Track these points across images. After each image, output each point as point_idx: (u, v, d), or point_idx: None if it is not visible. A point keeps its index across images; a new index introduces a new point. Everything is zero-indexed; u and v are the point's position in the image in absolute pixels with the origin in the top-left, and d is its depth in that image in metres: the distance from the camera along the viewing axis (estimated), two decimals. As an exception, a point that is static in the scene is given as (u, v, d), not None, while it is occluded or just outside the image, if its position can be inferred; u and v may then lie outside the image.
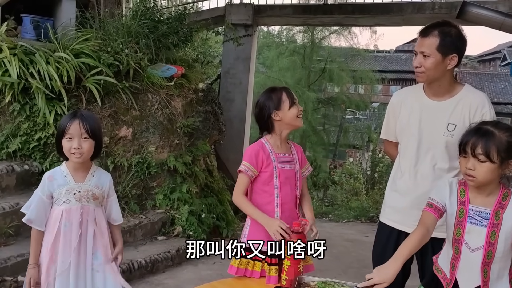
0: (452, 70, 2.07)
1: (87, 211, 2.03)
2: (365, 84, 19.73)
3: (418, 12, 5.93)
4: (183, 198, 4.17)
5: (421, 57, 2.03)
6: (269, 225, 1.96)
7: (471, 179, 1.62)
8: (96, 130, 2.01)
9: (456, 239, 1.69)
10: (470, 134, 1.63)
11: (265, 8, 6.68)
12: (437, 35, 2.00)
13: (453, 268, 1.72)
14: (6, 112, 3.76)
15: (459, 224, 1.68)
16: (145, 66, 4.34)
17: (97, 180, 2.07)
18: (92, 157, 2.06)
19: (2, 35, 3.87)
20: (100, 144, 2.07)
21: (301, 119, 2.11)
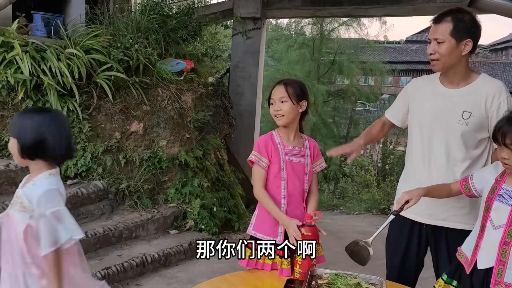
0: (467, 57, 2.04)
1: (8, 218, 1.71)
2: (375, 76, 19.55)
3: (429, 1, 5.84)
4: (194, 192, 4.20)
5: (435, 44, 2.01)
6: (287, 224, 1.98)
7: (507, 166, 1.68)
8: (15, 128, 1.67)
9: (484, 216, 1.74)
10: (501, 122, 1.66)
11: (273, 1, 6.63)
12: (451, 20, 1.98)
13: (476, 247, 1.75)
14: (19, 109, 3.79)
15: (488, 201, 1.73)
16: (155, 61, 4.35)
17: (30, 191, 1.67)
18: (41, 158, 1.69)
19: (13, 33, 3.90)
20: (27, 143, 1.64)
21: (278, 119, 2.08)
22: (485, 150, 2.07)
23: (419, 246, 2.16)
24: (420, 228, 2.15)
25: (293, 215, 2.01)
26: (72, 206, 3.56)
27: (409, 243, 2.17)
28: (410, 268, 2.19)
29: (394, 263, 2.23)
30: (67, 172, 3.81)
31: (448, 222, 2.08)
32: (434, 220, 2.10)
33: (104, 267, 3.10)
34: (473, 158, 2.04)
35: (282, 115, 2.07)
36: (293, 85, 2.10)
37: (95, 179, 3.86)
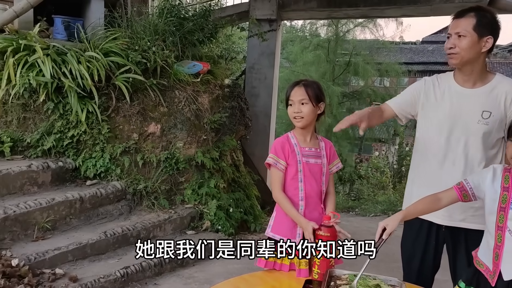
0: (485, 55, 2.02)
1: None
2: (390, 77, 19.37)
3: (447, 2, 5.79)
4: (211, 193, 4.23)
5: (456, 38, 2.00)
6: (304, 227, 1.98)
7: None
8: None
9: (499, 226, 1.67)
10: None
11: (289, 2, 6.64)
12: (474, 16, 1.98)
13: (496, 258, 1.69)
14: (40, 111, 3.88)
15: (502, 211, 1.66)
16: (172, 63, 4.40)
17: None
18: None
19: (35, 36, 3.99)
20: None
21: (297, 120, 2.07)
22: (500, 150, 2.05)
23: (436, 247, 2.14)
24: (438, 230, 2.13)
25: (311, 217, 2.02)
26: (91, 206, 3.64)
27: (427, 245, 2.15)
28: (427, 270, 2.18)
29: (412, 265, 2.21)
30: (86, 172, 3.88)
31: (467, 223, 2.05)
32: (452, 221, 2.08)
33: (123, 266, 3.14)
34: (489, 158, 2.02)
35: (301, 117, 2.07)
36: (313, 87, 2.10)
37: (114, 180, 3.92)
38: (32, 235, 3.20)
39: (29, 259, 2.89)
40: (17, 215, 3.12)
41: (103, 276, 2.98)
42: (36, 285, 2.70)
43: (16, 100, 3.84)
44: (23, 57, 3.81)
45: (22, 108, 3.89)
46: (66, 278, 2.86)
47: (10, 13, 4.38)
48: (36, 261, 2.90)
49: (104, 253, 3.31)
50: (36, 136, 3.83)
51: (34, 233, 3.21)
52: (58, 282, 2.81)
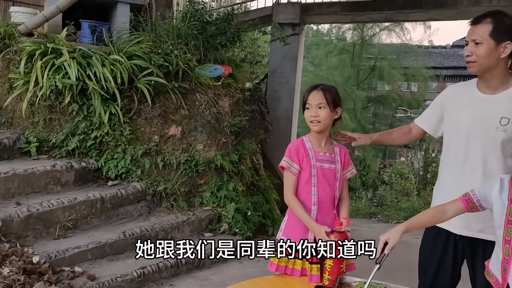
0: (506, 61, 1.96)
1: None
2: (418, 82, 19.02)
3: (474, 5, 5.65)
4: (229, 196, 4.25)
5: (473, 46, 1.95)
6: (316, 232, 1.98)
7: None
8: None
9: (506, 240, 1.62)
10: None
11: (312, 7, 6.63)
12: (490, 22, 1.92)
13: (504, 272, 1.63)
14: (66, 112, 3.99)
15: (509, 224, 1.60)
16: (194, 67, 4.44)
17: None
18: None
19: (62, 40, 4.11)
20: None
21: (313, 124, 2.07)
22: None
23: (454, 257, 2.09)
24: (456, 239, 2.08)
25: (323, 222, 2.01)
26: (112, 206, 3.71)
27: (444, 255, 2.10)
28: (445, 280, 2.12)
29: (427, 275, 2.17)
30: (108, 173, 3.96)
31: (485, 234, 1.99)
32: (470, 231, 2.02)
33: (140, 266, 3.19)
34: (510, 167, 1.96)
35: (318, 121, 2.07)
36: (331, 91, 2.10)
37: (134, 181, 3.99)
38: (54, 233, 3.29)
39: (49, 256, 2.97)
40: (40, 213, 3.22)
41: (120, 275, 3.03)
42: (55, 282, 2.77)
43: (43, 101, 3.95)
44: (50, 60, 3.92)
45: (48, 110, 4.01)
46: (84, 276, 2.93)
47: (40, 17, 4.54)
48: (57, 259, 2.98)
49: (122, 252, 3.37)
50: (61, 136, 3.94)
51: (56, 231, 3.30)
52: (76, 280, 2.88)
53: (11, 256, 2.72)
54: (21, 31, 4.35)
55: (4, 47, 4.18)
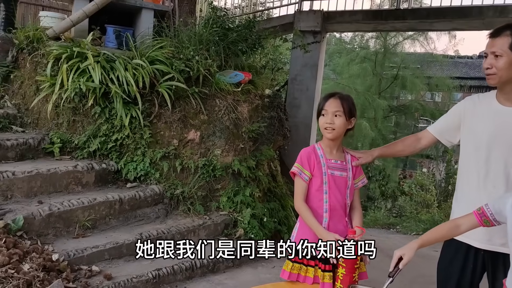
0: None
1: None
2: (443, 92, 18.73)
3: (500, 16, 5.55)
4: (246, 202, 4.26)
5: (492, 58, 1.96)
6: (325, 238, 1.98)
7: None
8: None
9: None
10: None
11: (334, 15, 6.63)
12: (510, 34, 1.92)
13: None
14: (88, 114, 4.09)
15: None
16: (214, 72, 4.49)
17: None
18: None
19: (88, 44, 4.22)
20: None
21: (327, 131, 2.09)
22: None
23: (473, 272, 2.06)
24: (476, 253, 2.04)
25: (335, 229, 2.01)
26: (130, 208, 3.78)
27: (464, 269, 2.07)
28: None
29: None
30: (127, 175, 4.03)
31: (507, 248, 1.96)
32: (492, 245, 2.00)
33: (155, 268, 3.23)
34: None
35: (333, 128, 2.08)
36: (348, 100, 2.11)
37: (152, 184, 4.05)
38: (73, 232, 3.37)
39: (68, 255, 3.04)
40: (61, 212, 3.30)
41: (136, 276, 3.08)
42: (73, 280, 2.83)
43: (67, 103, 4.06)
44: (75, 63, 4.03)
45: (72, 112, 4.12)
46: (101, 276, 2.99)
47: (67, 22, 4.69)
48: (75, 257, 3.05)
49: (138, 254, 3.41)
50: (83, 138, 4.04)
51: (75, 231, 3.37)
52: (93, 279, 2.94)
53: (32, 253, 2.80)
54: (49, 35, 4.49)
55: (32, 50, 4.32)
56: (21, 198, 3.37)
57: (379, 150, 2.36)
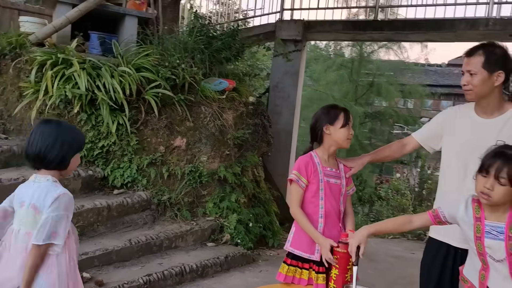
0: (500, 88, 2.12)
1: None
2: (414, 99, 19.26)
3: (471, 29, 5.82)
4: (231, 207, 4.34)
5: (468, 76, 2.12)
6: (321, 244, 2.08)
7: (486, 198, 1.71)
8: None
9: (480, 253, 1.77)
10: (495, 157, 1.71)
11: (315, 24, 6.80)
12: (482, 54, 2.09)
13: (483, 278, 1.78)
14: (74, 121, 4.07)
15: (478, 240, 1.76)
16: (199, 80, 4.56)
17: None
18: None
19: (72, 51, 4.22)
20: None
21: (349, 142, 2.21)
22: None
23: (453, 270, 2.20)
24: (456, 252, 2.19)
25: (330, 234, 2.11)
26: (117, 214, 3.79)
27: (444, 267, 2.21)
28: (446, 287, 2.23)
29: (429, 286, 2.27)
30: (114, 182, 4.04)
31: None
32: (467, 244, 2.14)
33: (146, 273, 3.26)
34: None
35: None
36: None
37: (140, 190, 4.07)
38: (61, 239, 3.35)
39: (58, 262, 3.03)
40: (49, 220, 3.28)
41: (127, 282, 3.10)
42: (64, 287, 2.83)
43: (52, 110, 4.04)
44: (60, 70, 4.01)
45: (57, 118, 4.10)
46: (92, 282, 3.00)
47: (50, 28, 4.66)
48: (65, 264, 3.04)
49: (128, 260, 3.44)
50: (69, 145, 4.01)
51: (63, 238, 3.36)
52: (84, 286, 2.93)
53: (22, 261, 2.78)
54: (32, 41, 4.46)
55: (15, 56, 4.28)
56: (8, 205, 3.33)
57: (369, 157, 2.48)
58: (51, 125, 1.90)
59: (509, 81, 2.12)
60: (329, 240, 2.05)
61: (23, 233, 1.82)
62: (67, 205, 1.85)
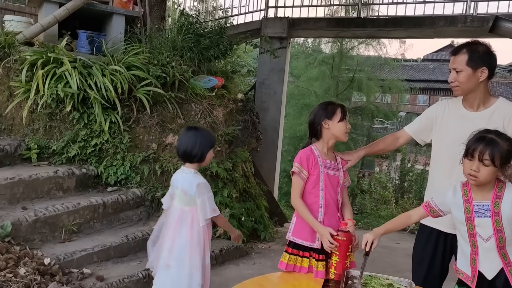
0: (485, 83, 2.28)
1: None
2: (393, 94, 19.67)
3: (450, 25, 6.04)
4: (224, 202, 4.43)
5: (454, 73, 2.28)
6: (321, 232, 2.19)
7: (474, 179, 1.86)
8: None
9: (470, 234, 1.91)
10: (477, 141, 1.87)
11: (299, 22, 6.92)
12: (466, 52, 2.24)
13: (474, 262, 1.92)
14: (66, 120, 4.10)
15: (469, 220, 1.91)
16: (189, 78, 4.62)
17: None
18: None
19: (63, 50, 4.23)
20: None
21: (347, 135, 2.34)
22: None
23: (444, 253, 2.35)
24: (446, 238, 2.34)
25: (329, 223, 2.23)
26: (113, 211, 3.84)
27: (435, 251, 2.36)
28: (435, 274, 2.38)
29: (420, 269, 2.42)
30: (108, 179, 4.08)
31: None
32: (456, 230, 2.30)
33: (144, 268, 3.30)
34: None
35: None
36: None
37: (133, 187, 4.12)
38: (59, 236, 3.39)
39: (58, 258, 3.08)
40: (46, 218, 3.32)
41: (127, 276, 3.17)
42: (66, 283, 2.89)
43: (43, 109, 4.05)
44: (51, 69, 4.03)
45: (48, 117, 4.11)
46: (93, 278, 3.06)
47: (38, 27, 4.65)
48: (65, 261, 3.10)
49: (126, 255, 3.50)
50: (62, 144, 4.04)
51: (61, 235, 3.40)
52: (86, 281, 3.01)
53: (24, 258, 2.83)
54: (20, 40, 4.45)
55: (4, 56, 4.27)
56: (4, 204, 3.36)
57: (364, 151, 2.61)
58: (192, 130, 2.52)
59: (493, 76, 2.28)
60: (328, 228, 2.17)
61: (178, 207, 2.50)
62: (208, 188, 2.49)
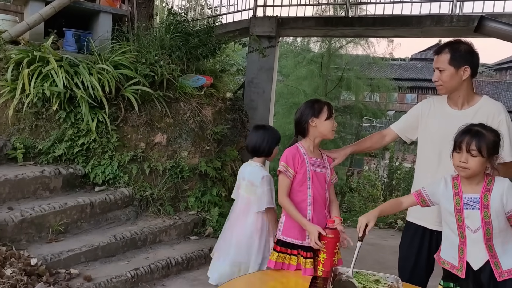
0: (468, 81, 2.31)
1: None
2: (381, 93, 19.83)
3: (436, 25, 6.11)
4: (213, 201, 4.43)
5: (438, 72, 2.32)
6: (309, 230, 2.21)
7: (463, 170, 1.92)
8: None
9: (459, 225, 1.97)
10: (463, 134, 1.94)
11: (288, 21, 6.93)
12: (448, 51, 2.28)
13: (462, 253, 1.97)
14: (52, 119, 4.06)
15: (458, 212, 1.96)
16: (177, 77, 4.61)
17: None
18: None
19: (49, 48, 4.18)
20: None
21: (333, 133, 2.36)
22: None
23: (429, 250, 2.39)
24: (431, 234, 2.37)
25: (317, 220, 2.24)
26: (100, 211, 3.81)
27: (421, 247, 2.40)
28: (421, 270, 2.42)
29: (406, 265, 2.45)
30: (95, 179, 4.05)
31: None
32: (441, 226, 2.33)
33: (133, 268, 3.31)
34: None
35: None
36: None
37: (121, 187, 4.10)
38: (46, 237, 3.36)
39: (45, 259, 3.05)
40: (33, 218, 3.29)
41: (115, 276, 3.15)
42: (53, 283, 2.86)
43: (29, 108, 4.00)
44: (37, 68, 3.98)
45: (34, 117, 4.06)
46: (80, 278, 3.03)
47: (23, 25, 4.60)
48: (52, 261, 3.07)
49: (114, 255, 3.48)
50: (48, 143, 4.00)
51: (48, 235, 3.37)
52: (73, 281, 2.98)
53: (10, 259, 2.79)
54: (5, 38, 4.39)
55: (-11, 55, 4.20)
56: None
57: (351, 148, 2.64)
58: (261, 128, 2.79)
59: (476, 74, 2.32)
60: (317, 226, 2.19)
61: (244, 196, 2.72)
62: (271, 181, 2.64)
